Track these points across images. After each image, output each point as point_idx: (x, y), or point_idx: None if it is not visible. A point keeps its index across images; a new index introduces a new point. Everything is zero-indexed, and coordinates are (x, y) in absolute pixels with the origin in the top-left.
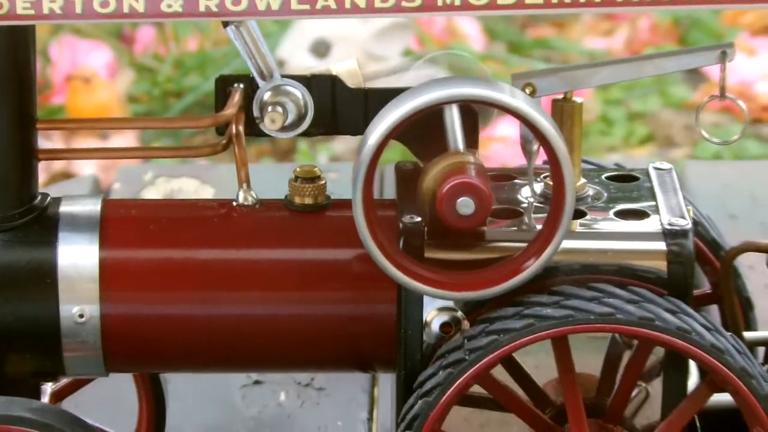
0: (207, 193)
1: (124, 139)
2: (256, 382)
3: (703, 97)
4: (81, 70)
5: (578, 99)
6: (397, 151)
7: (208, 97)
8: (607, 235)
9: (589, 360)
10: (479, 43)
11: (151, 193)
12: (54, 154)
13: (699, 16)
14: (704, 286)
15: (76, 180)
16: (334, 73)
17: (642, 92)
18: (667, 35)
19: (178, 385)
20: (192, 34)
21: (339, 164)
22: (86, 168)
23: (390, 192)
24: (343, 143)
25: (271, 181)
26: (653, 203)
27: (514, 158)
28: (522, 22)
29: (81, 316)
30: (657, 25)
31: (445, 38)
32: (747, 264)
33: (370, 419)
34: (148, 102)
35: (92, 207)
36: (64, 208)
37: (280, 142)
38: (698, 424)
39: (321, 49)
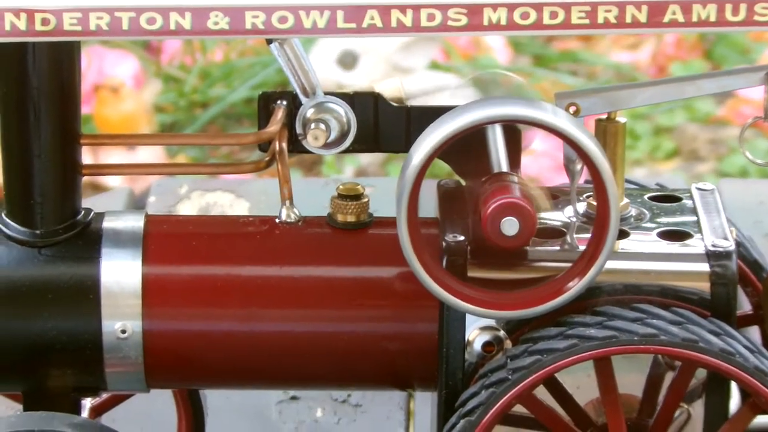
0: (242, 207)
1: (151, 151)
2: (293, 398)
3: (729, 112)
4: (108, 80)
5: (622, 119)
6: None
7: (234, 107)
8: (651, 255)
9: (630, 380)
10: (504, 55)
11: (186, 207)
12: (98, 170)
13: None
14: (745, 307)
15: (111, 193)
16: (377, 90)
17: (668, 107)
18: (693, 49)
19: (215, 400)
20: (218, 45)
21: (373, 179)
22: (112, 179)
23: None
24: (369, 155)
25: (298, 194)
26: (696, 224)
27: (541, 172)
28: (547, 35)
29: (123, 331)
30: (683, 39)
31: (471, 51)
32: None
33: None
34: (174, 112)
35: (135, 223)
36: (107, 223)
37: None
38: None
39: (348, 60)
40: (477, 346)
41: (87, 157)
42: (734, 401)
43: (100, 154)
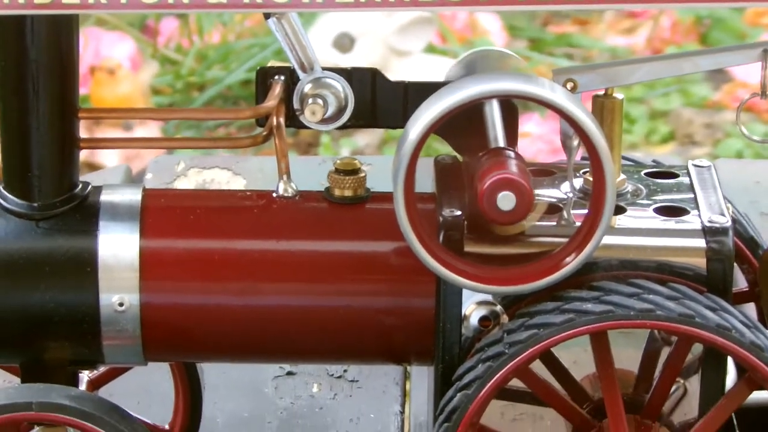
0: (239, 184)
1: (147, 129)
2: (289, 373)
3: (725, 96)
4: (105, 62)
5: (619, 95)
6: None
7: (231, 89)
8: (647, 231)
9: (626, 355)
10: (501, 39)
11: (183, 184)
12: (95, 143)
13: (721, 15)
14: (741, 284)
15: (109, 170)
16: None
17: (663, 91)
18: (689, 34)
19: (211, 375)
20: (215, 27)
21: (370, 157)
22: (108, 158)
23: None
24: (366, 137)
25: (294, 172)
26: (693, 200)
27: (537, 155)
28: (544, 19)
29: (121, 304)
30: (678, 23)
31: (467, 34)
32: None
33: (402, 412)
34: (171, 94)
35: (133, 196)
36: (105, 197)
37: (303, 134)
38: (736, 422)
39: (344, 43)
40: (474, 320)
41: (84, 135)
42: (730, 377)
43: (97, 134)
